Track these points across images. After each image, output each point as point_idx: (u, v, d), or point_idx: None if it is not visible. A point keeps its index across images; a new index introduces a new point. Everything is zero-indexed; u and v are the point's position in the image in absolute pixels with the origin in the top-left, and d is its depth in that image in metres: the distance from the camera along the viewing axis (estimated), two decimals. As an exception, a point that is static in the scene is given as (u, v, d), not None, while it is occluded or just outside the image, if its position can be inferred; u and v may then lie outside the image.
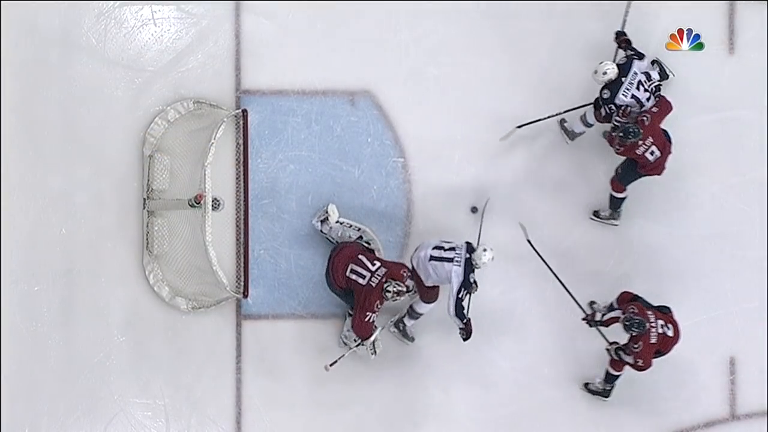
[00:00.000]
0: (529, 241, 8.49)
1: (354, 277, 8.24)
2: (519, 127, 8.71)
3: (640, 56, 8.45)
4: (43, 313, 8.70)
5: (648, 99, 8.43)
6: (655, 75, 8.58)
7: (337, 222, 8.65)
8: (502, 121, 8.78)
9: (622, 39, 8.54)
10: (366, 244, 8.60)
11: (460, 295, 8.19)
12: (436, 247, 8.29)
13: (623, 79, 8.38)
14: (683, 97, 8.92)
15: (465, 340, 8.31)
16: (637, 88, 8.41)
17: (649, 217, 8.93)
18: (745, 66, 8.98)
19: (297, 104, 8.85)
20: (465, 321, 8.24)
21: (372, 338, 8.33)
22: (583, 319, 8.47)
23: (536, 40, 8.91)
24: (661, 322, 8.23)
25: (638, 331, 8.12)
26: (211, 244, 8.26)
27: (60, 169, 8.74)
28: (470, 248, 8.26)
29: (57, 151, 8.73)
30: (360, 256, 8.28)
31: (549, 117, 8.70)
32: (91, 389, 8.71)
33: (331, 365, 8.32)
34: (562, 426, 8.85)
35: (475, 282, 8.26)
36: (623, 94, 8.38)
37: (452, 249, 8.26)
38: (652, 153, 8.34)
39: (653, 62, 8.76)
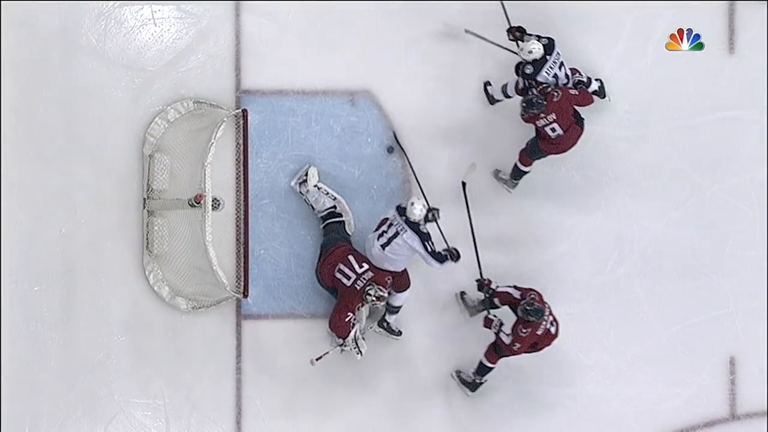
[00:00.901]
0: (463, 183, 8.46)
1: (340, 276, 8.30)
2: (466, 31, 8.73)
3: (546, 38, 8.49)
4: (43, 313, 8.70)
5: (566, 84, 8.48)
6: (594, 84, 8.67)
7: (315, 186, 8.66)
8: (503, 122, 8.79)
9: (514, 33, 8.52)
10: (337, 217, 8.61)
11: (429, 250, 8.23)
12: (379, 236, 8.32)
13: (548, 57, 8.41)
14: (683, 97, 8.94)
15: (457, 261, 8.32)
16: (560, 68, 8.46)
17: (649, 217, 8.93)
18: (745, 66, 8.98)
19: (297, 104, 8.85)
20: (450, 255, 8.27)
21: (350, 336, 8.38)
22: (477, 281, 8.42)
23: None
24: (551, 318, 8.22)
25: (534, 318, 8.07)
26: (211, 244, 8.26)
27: (60, 169, 8.74)
28: (401, 210, 8.29)
29: (57, 151, 8.73)
30: (349, 257, 8.32)
31: (496, 44, 8.64)
32: (91, 389, 8.71)
33: (317, 360, 8.34)
34: (562, 425, 8.85)
35: (432, 212, 8.26)
36: (546, 72, 8.42)
37: (390, 225, 8.30)
38: (553, 130, 8.36)
39: (597, 79, 8.76)
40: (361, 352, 8.50)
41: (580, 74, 8.60)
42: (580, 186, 8.92)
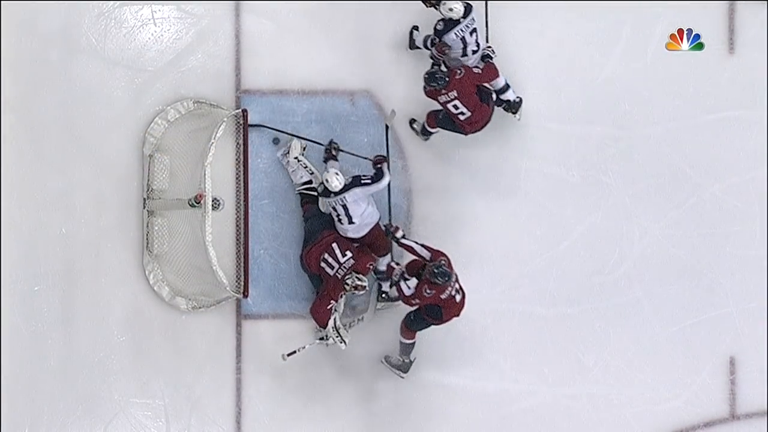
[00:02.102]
0: (386, 126, 8.57)
1: (324, 266, 8.37)
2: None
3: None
4: (43, 313, 8.70)
5: (474, 52, 8.50)
6: (512, 94, 8.61)
7: (295, 158, 8.67)
8: (502, 121, 8.79)
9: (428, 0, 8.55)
10: (311, 192, 8.63)
11: (370, 181, 8.33)
12: (340, 222, 8.38)
13: (462, 20, 8.43)
14: (683, 97, 8.94)
15: (388, 160, 8.48)
16: (470, 34, 8.46)
17: (649, 217, 8.94)
18: (745, 66, 8.98)
19: (297, 104, 8.85)
20: (380, 161, 8.46)
21: (329, 325, 8.37)
22: (385, 226, 8.42)
23: (539, 39, 8.90)
24: (457, 285, 8.20)
25: (442, 281, 8.02)
26: (211, 244, 8.27)
27: (60, 169, 8.74)
28: (327, 193, 8.36)
29: (57, 151, 8.74)
30: (333, 245, 8.37)
31: None
32: (91, 389, 8.71)
33: (288, 355, 8.33)
34: (564, 426, 8.85)
35: (332, 147, 8.58)
36: (455, 34, 8.43)
37: (334, 208, 8.36)
38: (455, 107, 8.38)
39: (518, 96, 8.73)
40: (344, 341, 8.44)
41: (491, 53, 8.53)
42: (580, 186, 8.92)
